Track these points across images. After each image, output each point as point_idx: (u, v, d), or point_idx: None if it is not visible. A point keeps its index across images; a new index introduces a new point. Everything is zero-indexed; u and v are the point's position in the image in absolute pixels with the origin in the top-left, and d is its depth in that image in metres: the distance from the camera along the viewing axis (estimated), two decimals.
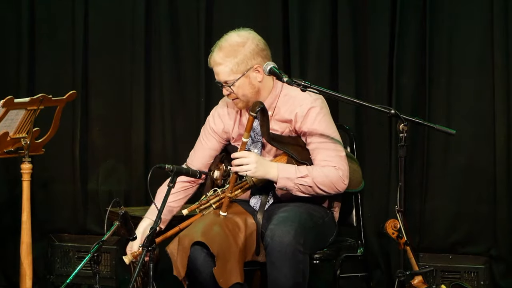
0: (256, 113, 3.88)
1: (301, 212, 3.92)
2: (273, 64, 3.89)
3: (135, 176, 5.42)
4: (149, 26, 5.39)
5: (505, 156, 4.84)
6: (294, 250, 3.74)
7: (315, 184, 3.93)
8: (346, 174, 3.97)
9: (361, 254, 4.26)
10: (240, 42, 3.98)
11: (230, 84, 3.97)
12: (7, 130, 4.29)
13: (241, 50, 3.97)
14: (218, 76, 4.01)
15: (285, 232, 3.75)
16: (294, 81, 3.83)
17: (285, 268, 3.73)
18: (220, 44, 4.01)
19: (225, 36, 4.05)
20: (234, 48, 3.97)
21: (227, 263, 3.79)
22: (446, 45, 4.93)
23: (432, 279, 4.90)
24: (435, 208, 4.97)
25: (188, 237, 3.83)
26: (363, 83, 5.06)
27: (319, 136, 3.96)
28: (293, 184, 3.92)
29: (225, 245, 3.81)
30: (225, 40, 4.01)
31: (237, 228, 3.90)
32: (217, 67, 4.00)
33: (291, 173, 3.92)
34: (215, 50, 4.02)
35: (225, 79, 3.98)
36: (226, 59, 3.96)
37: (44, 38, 5.53)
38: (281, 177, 3.92)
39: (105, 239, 3.64)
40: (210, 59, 4.03)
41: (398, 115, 3.65)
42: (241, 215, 3.97)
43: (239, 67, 3.96)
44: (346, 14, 5.04)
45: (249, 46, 3.98)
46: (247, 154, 3.91)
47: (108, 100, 5.50)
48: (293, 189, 3.94)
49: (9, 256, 5.39)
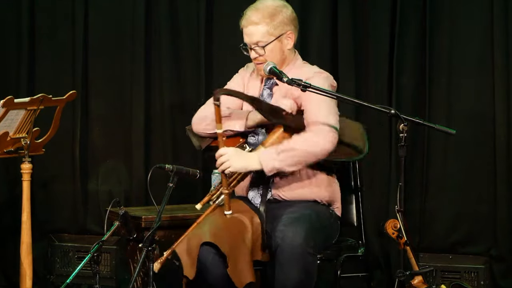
0: (218, 100, 3.83)
1: (310, 213, 3.90)
2: (273, 64, 3.89)
3: (135, 176, 5.42)
4: (149, 26, 5.39)
5: (505, 156, 4.84)
6: (304, 252, 3.72)
7: (302, 152, 3.85)
8: (331, 134, 3.86)
9: (362, 254, 4.26)
10: (277, 6, 3.99)
11: (263, 45, 3.96)
12: (7, 130, 4.29)
13: (279, 13, 3.97)
14: (251, 36, 3.97)
15: (296, 234, 3.72)
16: (294, 81, 3.83)
17: (294, 269, 3.70)
18: (256, 6, 4.00)
19: (257, 3, 4.03)
20: (271, 10, 3.97)
21: (238, 263, 3.77)
22: (446, 45, 4.93)
23: (432, 279, 4.90)
24: (435, 208, 4.98)
25: (197, 237, 3.80)
26: (363, 83, 5.07)
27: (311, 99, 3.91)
28: (279, 161, 3.85)
29: (235, 245, 3.79)
30: (260, 3, 4.01)
31: (244, 227, 3.88)
32: (252, 26, 3.96)
33: (272, 153, 3.86)
34: (251, 11, 3.98)
35: (259, 39, 3.96)
36: (264, 20, 3.95)
37: (44, 38, 5.53)
38: (263, 160, 3.85)
39: (105, 239, 3.65)
40: (244, 20, 3.99)
41: (398, 115, 3.65)
42: (247, 213, 3.95)
43: (276, 30, 3.96)
44: (346, 14, 5.04)
45: (286, 12, 4.00)
46: (223, 151, 3.88)
47: (108, 100, 5.50)
48: (283, 167, 3.86)
49: (9, 256, 5.39)
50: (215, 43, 5.29)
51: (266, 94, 4.07)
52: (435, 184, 4.98)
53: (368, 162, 4.97)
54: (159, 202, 3.72)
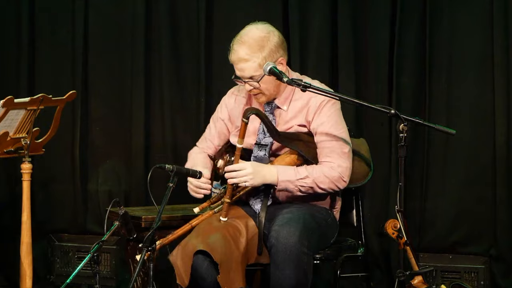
0: (247, 118, 3.86)
1: (304, 213, 3.91)
2: (272, 64, 3.88)
3: (135, 176, 5.42)
4: (149, 26, 5.38)
5: (505, 156, 4.84)
6: (299, 251, 3.73)
7: (316, 184, 3.93)
8: (346, 172, 3.96)
9: (362, 254, 4.26)
10: (263, 36, 3.91)
11: (257, 80, 3.91)
12: (7, 130, 4.29)
13: (266, 44, 3.90)
14: (243, 72, 3.92)
15: (290, 233, 3.74)
16: (294, 81, 3.83)
17: (289, 269, 3.72)
18: (242, 39, 3.92)
19: (244, 31, 3.96)
20: (259, 42, 3.90)
21: (230, 269, 3.78)
22: (446, 45, 4.93)
23: (432, 279, 4.90)
24: (435, 208, 4.97)
25: (190, 245, 3.82)
26: (363, 83, 5.06)
27: (325, 134, 3.95)
28: (294, 186, 3.92)
29: (227, 251, 3.80)
30: (246, 35, 3.93)
31: (238, 232, 3.89)
32: (243, 63, 3.91)
33: (291, 175, 3.92)
34: (238, 45, 3.91)
35: (252, 74, 3.91)
36: (253, 55, 3.89)
37: (44, 38, 5.53)
38: (281, 180, 3.91)
39: (105, 239, 3.65)
40: (233, 55, 3.93)
41: (398, 115, 3.65)
42: (242, 218, 3.96)
43: (267, 59, 3.89)
44: (346, 14, 5.04)
45: (273, 39, 3.92)
46: (242, 166, 3.88)
47: (108, 100, 5.50)
48: (294, 190, 3.95)
49: (9, 256, 5.39)
50: (215, 43, 5.29)
51: (270, 119, 4.02)
52: (435, 184, 4.97)
53: None
54: (159, 202, 3.73)
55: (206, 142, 4.24)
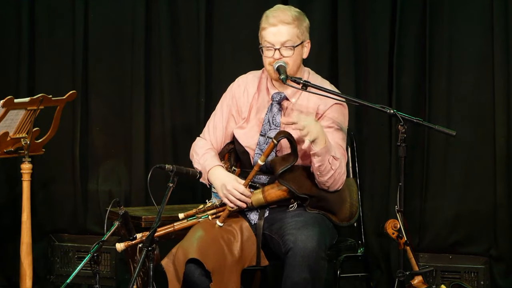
0: (278, 141, 3.83)
1: (316, 216, 3.89)
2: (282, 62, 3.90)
3: (135, 176, 5.42)
4: (149, 26, 5.39)
5: (505, 156, 4.84)
6: (318, 256, 3.71)
7: (332, 171, 3.85)
8: (344, 177, 3.95)
9: (362, 254, 4.26)
10: (301, 13, 3.98)
11: (292, 45, 3.89)
12: (7, 130, 4.29)
13: (303, 20, 3.97)
14: (280, 36, 3.89)
15: (308, 238, 3.71)
16: (294, 79, 3.84)
17: (305, 272, 3.69)
18: (281, 8, 3.97)
19: (281, 6, 4.01)
20: (299, 15, 3.95)
21: (223, 277, 3.76)
22: (446, 45, 4.93)
23: (432, 279, 4.90)
24: (435, 208, 4.97)
25: (183, 252, 3.80)
26: (363, 83, 5.06)
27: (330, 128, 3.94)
28: (328, 157, 3.81)
29: (221, 258, 3.79)
30: (283, 7, 3.99)
31: (232, 237, 3.88)
32: (284, 26, 3.90)
33: (332, 150, 3.83)
34: (279, 10, 3.93)
35: (289, 39, 3.89)
36: (295, 22, 3.91)
37: (44, 38, 5.53)
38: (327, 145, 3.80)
39: (105, 239, 3.65)
40: (273, 18, 3.91)
41: (396, 115, 3.65)
42: (236, 222, 3.95)
43: (302, 35, 3.94)
44: (346, 14, 5.04)
45: (306, 20, 4.00)
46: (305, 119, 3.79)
47: (108, 100, 5.50)
48: (323, 161, 3.81)
49: (9, 256, 5.39)
50: (215, 43, 5.29)
51: (276, 110, 4.02)
52: (435, 184, 4.97)
53: (368, 162, 4.97)
54: (159, 202, 3.73)
55: (213, 133, 4.16)
